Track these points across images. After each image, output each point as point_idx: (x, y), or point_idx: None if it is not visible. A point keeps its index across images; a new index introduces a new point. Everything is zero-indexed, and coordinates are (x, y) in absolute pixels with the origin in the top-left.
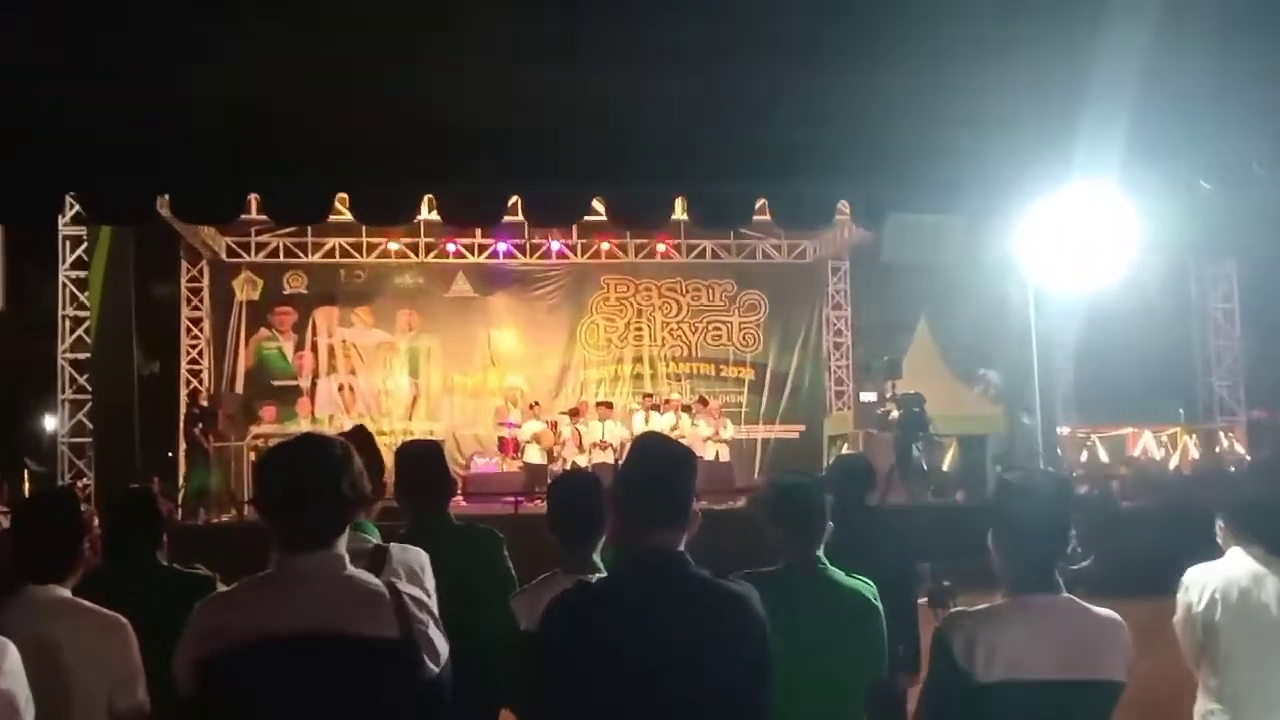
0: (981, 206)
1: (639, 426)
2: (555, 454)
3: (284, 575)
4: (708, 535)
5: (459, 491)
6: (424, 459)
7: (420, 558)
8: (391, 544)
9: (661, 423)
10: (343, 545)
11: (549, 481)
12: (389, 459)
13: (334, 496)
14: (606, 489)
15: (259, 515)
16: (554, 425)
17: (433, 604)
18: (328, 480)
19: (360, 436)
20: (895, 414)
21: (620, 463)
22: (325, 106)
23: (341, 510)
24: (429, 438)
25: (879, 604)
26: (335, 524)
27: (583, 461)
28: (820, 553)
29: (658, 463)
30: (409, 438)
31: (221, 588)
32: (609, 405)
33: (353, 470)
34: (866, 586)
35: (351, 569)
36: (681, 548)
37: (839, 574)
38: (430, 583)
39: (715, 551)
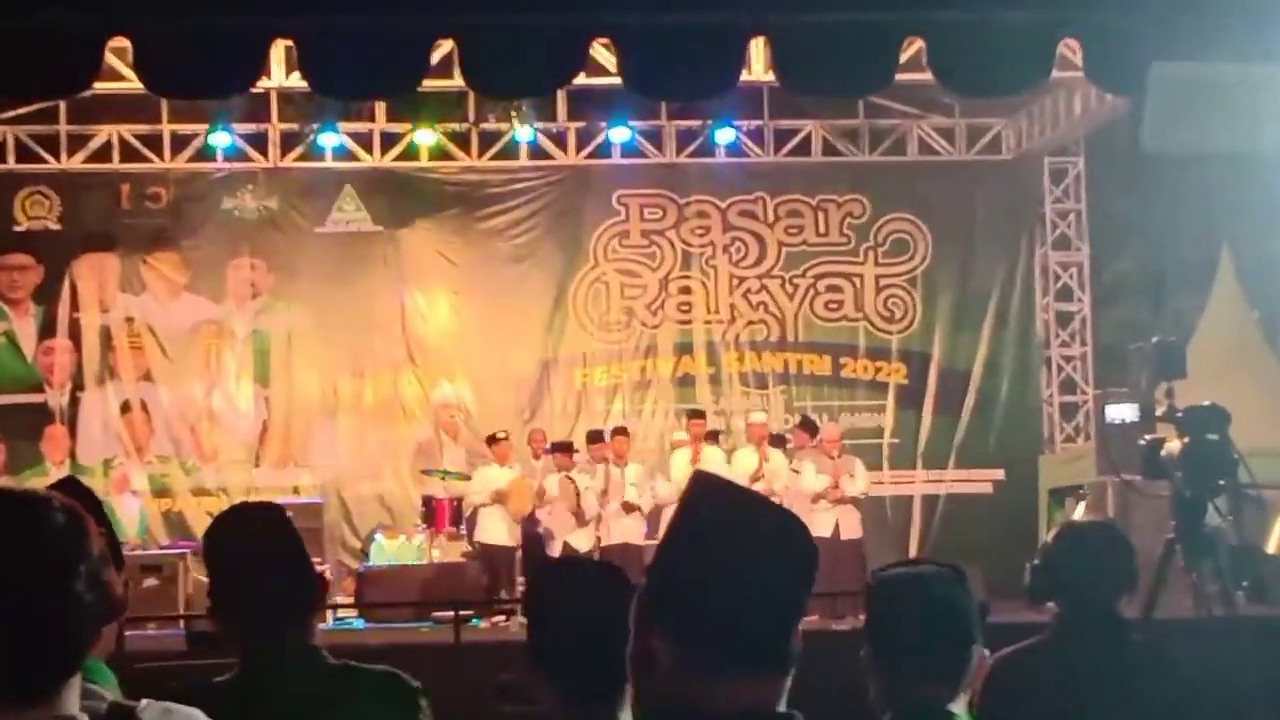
0: None
1: (683, 468)
2: (535, 527)
3: None
4: (817, 672)
5: (348, 600)
6: (260, 544)
7: None
8: (144, 705)
9: (734, 466)
10: (74, 701)
11: (525, 580)
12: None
13: (62, 606)
14: (638, 596)
15: None
16: (528, 475)
17: None
18: (49, 576)
19: (79, 495)
20: (1175, 447)
21: (662, 547)
22: None
23: (74, 631)
24: (269, 501)
25: None
26: (62, 658)
27: (584, 543)
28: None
29: (740, 552)
30: (252, 499)
31: None
32: (626, 434)
33: (91, 557)
34: None
35: None
36: (783, 706)
37: None
38: None
39: (828, 699)
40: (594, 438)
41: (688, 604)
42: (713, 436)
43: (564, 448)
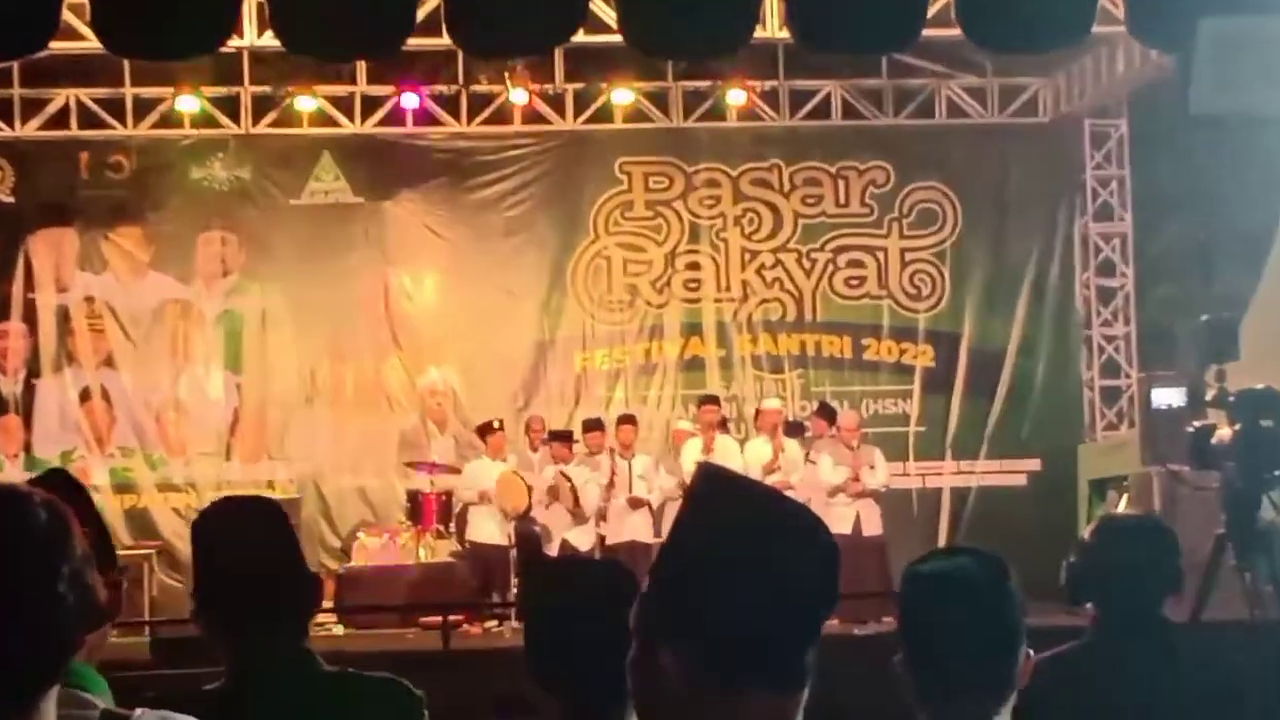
0: None
1: (694, 458)
2: (531, 525)
3: None
4: (839, 683)
5: (328, 604)
6: (254, 539)
7: None
8: (140, 714)
9: (746, 456)
10: (51, 712)
11: (520, 581)
12: (180, 537)
13: (43, 610)
14: (640, 600)
15: None
16: (525, 468)
17: None
18: (29, 577)
19: (67, 489)
20: (1226, 435)
21: (666, 547)
22: None
23: (55, 637)
24: (262, 495)
25: None
26: (40, 665)
27: (585, 541)
28: None
29: (754, 552)
30: (224, 494)
31: None
32: (633, 422)
33: (74, 556)
34: None
35: None
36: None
37: None
38: None
39: (852, 714)
40: (591, 426)
41: (695, 610)
42: (722, 425)
43: (562, 437)
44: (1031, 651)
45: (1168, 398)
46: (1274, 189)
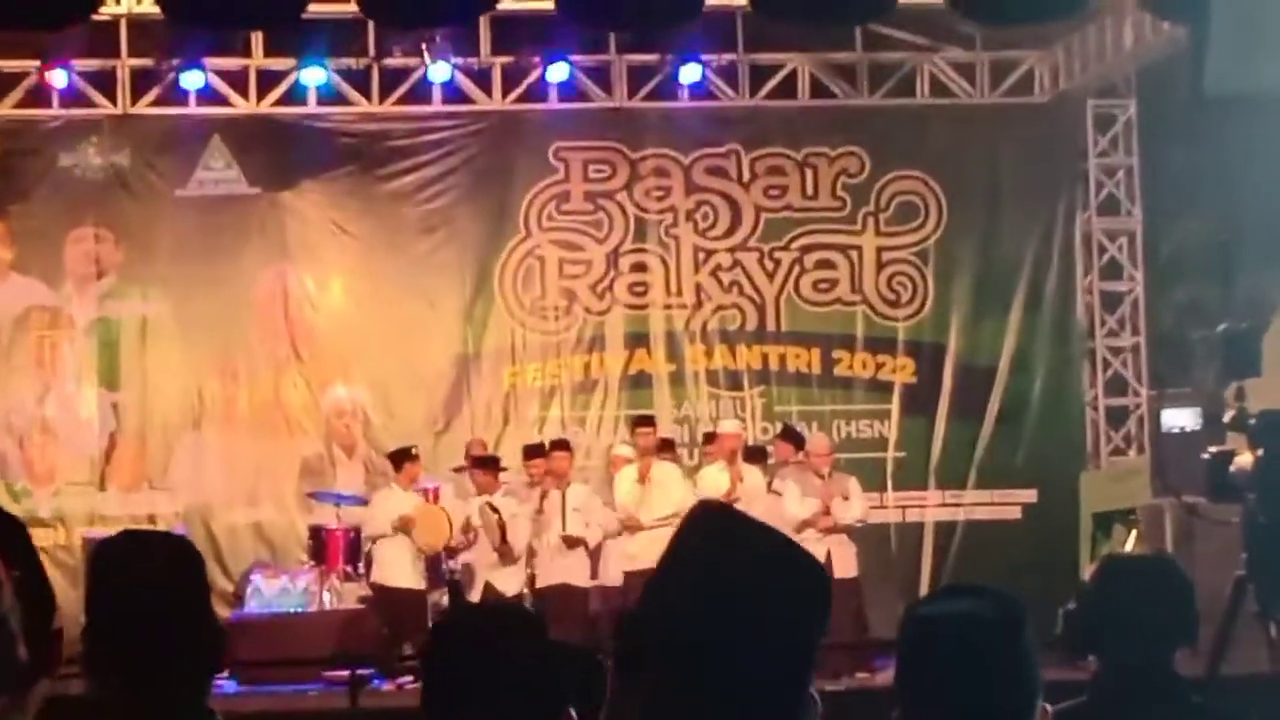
0: None
1: (627, 489)
2: (448, 566)
3: None
4: None
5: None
6: (158, 578)
7: None
8: None
9: (700, 486)
10: None
11: (430, 629)
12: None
13: None
14: (616, 651)
15: None
16: (436, 496)
17: None
18: None
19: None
20: (1247, 461)
21: (647, 593)
22: None
23: None
24: (171, 532)
25: None
26: None
27: (512, 584)
28: None
29: (739, 587)
30: (97, 532)
31: None
32: (566, 448)
33: None
34: None
35: None
36: None
37: None
38: None
39: None
40: (533, 452)
41: (673, 657)
42: (667, 447)
43: (486, 464)
44: (1049, 706)
45: (1181, 419)
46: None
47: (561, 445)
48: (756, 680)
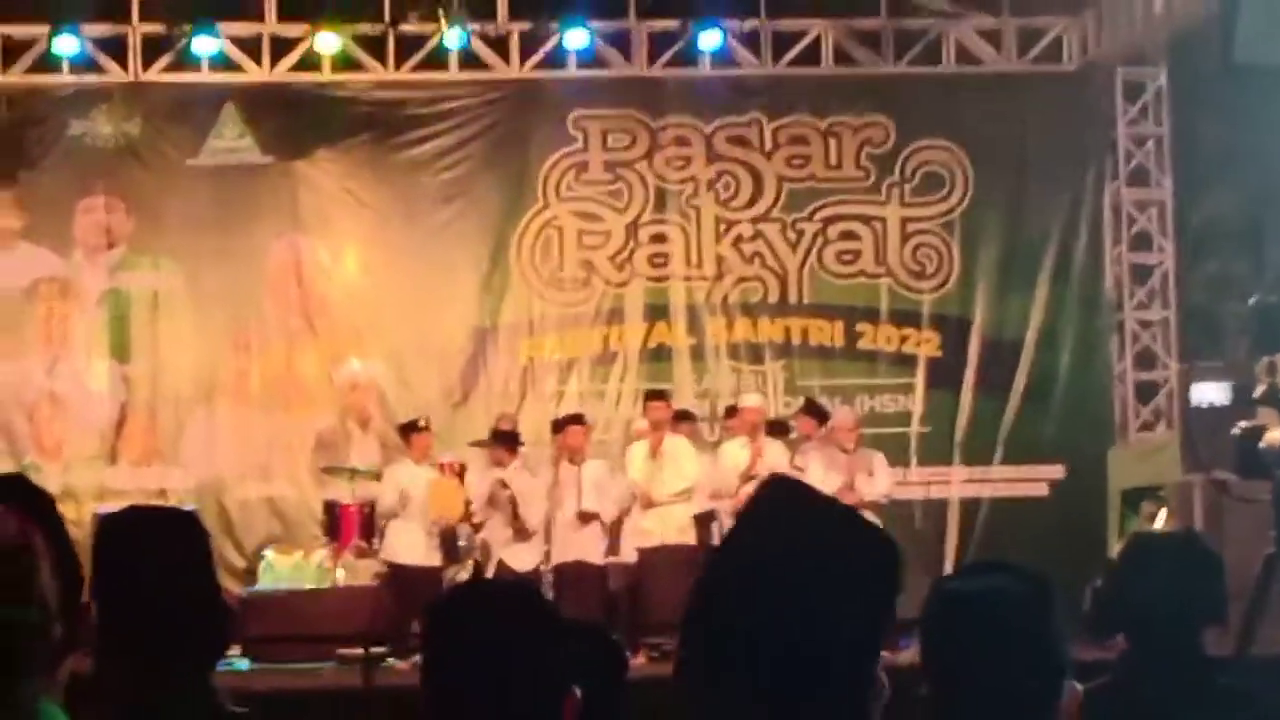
0: None
1: (639, 465)
2: (465, 543)
3: None
4: None
5: (235, 635)
6: (166, 555)
7: None
8: None
9: (722, 461)
10: None
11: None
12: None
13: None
14: (681, 641)
15: None
16: (461, 471)
17: None
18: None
19: (30, 498)
20: (1277, 437)
21: (706, 577)
22: None
23: (29, 656)
24: (179, 507)
25: None
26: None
27: (528, 560)
28: None
29: (805, 561)
30: (107, 506)
31: None
32: (581, 422)
33: (38, 578)
34: None
35: None
36: None
37: None
38: None
39: None
40: (562, 426)
41: (746, 639)
42: (685, 419)
43: (505, 438)
44: (1078, 685)
45: (1211, 394)
46: None
47: (577, 420)
48: (820, 656)
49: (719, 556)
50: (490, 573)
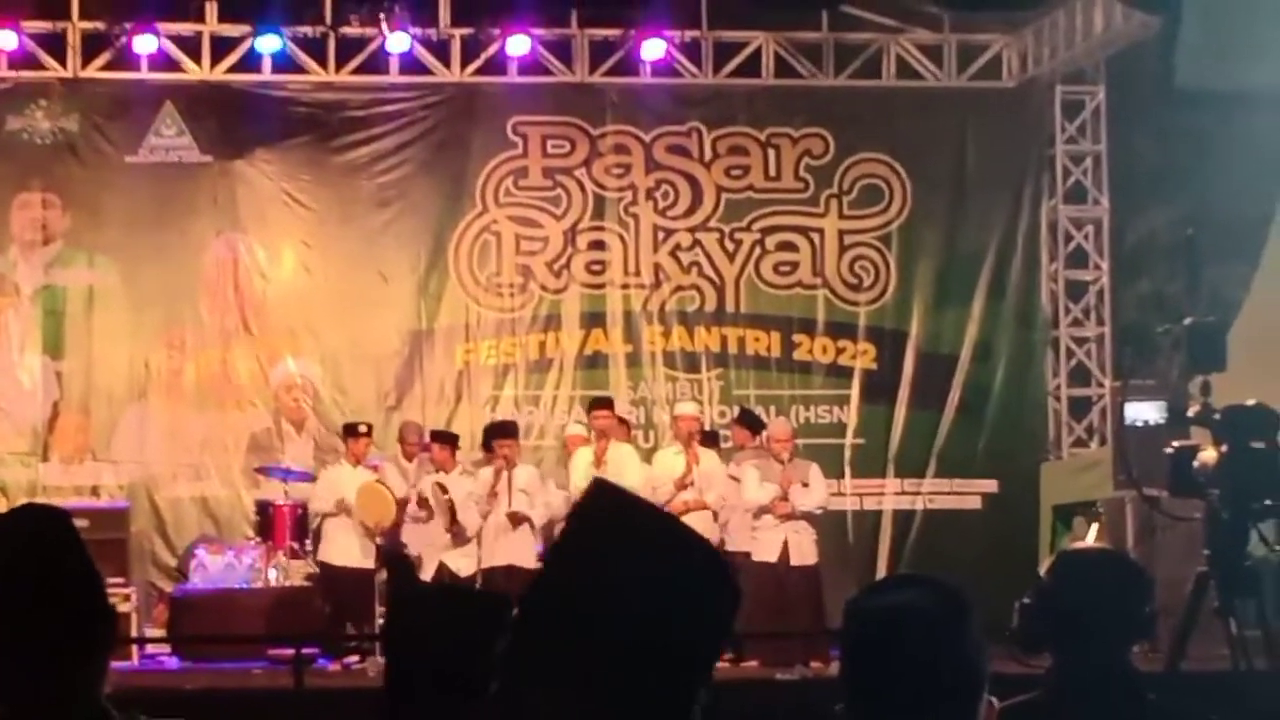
0: None
1: (583, 471)
2: (398, 545)
3: None
4: None
5: (159, 633)
6: (27, 555)
7: None
8: None
9: (655, 469)
10: None
11: (388, 611)
12: None
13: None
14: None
15: None
16: (387, 474)
17: None
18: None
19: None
20: (1211, 457)
21: (545, 569)
22: None
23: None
24: (46, 504)
25: None
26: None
27: (467, 565)
28: None
29: (626, 587)
30: (40, 503)
31: None
32: (511, 436)
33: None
34: None
35: None
36: None
37: None
38: None
39: None
40: (499, 432)
41: (567, 651)
42: (623, 427)
43: (445, 439)
44: (995, 700)
45: (1144, 413)
46: (1271, 174)
47: (507, 432)
48: (645, 660)
49: (550, 557)
50: (430, 575)
